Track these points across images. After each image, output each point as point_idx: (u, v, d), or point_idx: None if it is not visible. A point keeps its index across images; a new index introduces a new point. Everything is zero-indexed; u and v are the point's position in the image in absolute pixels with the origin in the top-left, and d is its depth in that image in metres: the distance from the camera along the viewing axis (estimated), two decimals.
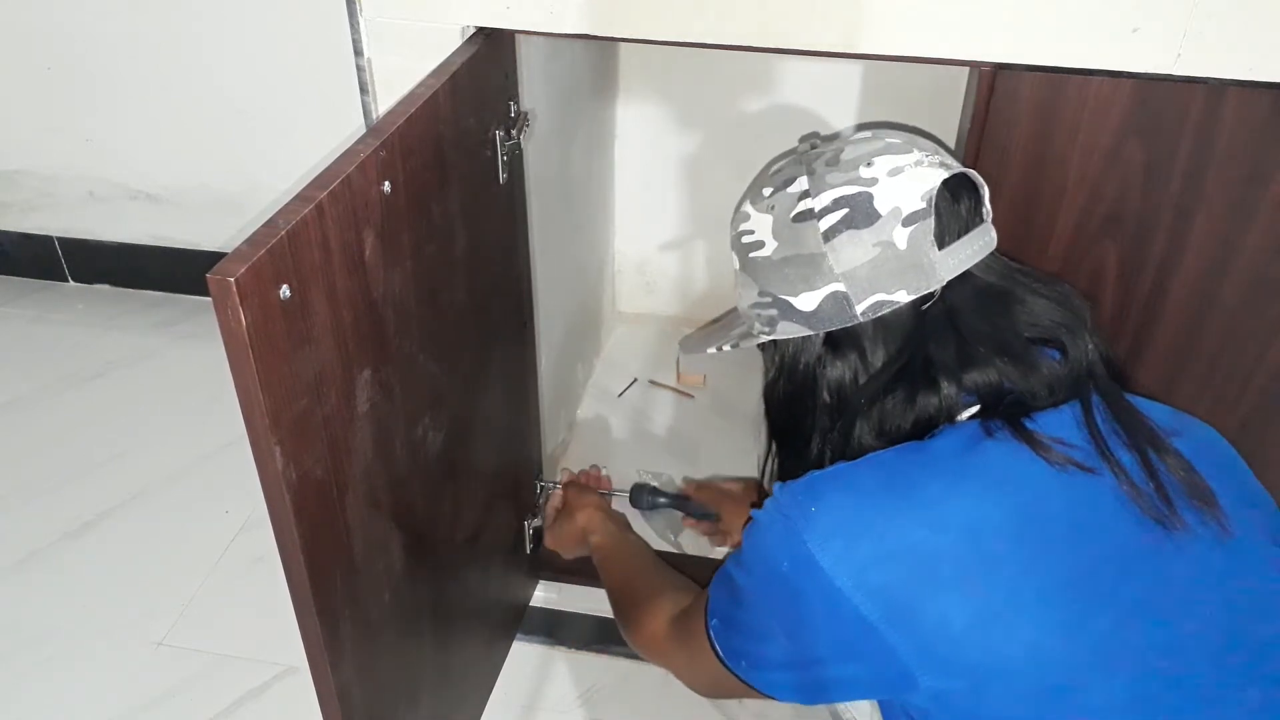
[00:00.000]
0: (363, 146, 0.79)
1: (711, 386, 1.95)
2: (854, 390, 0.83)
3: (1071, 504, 0.74)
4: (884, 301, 0.79)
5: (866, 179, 0.79)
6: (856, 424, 0.83)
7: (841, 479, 0.78)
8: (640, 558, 1.31)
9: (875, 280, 0.79)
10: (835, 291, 0.80)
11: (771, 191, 0.85)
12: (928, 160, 0.81)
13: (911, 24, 0.97)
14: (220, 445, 1.84)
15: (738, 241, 0.87)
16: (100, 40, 1.91)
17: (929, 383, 0.79)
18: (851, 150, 0.82)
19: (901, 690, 0.73)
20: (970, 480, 0.74)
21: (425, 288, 0.94)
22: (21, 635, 1.52)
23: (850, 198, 0.79)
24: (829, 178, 0.81)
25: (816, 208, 0.80)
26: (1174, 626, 0.72)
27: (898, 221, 0.78)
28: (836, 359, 0.83)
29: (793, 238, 0.81)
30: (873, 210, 0.78)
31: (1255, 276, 1.07)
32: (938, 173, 0.80)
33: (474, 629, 1.33)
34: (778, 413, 0.91)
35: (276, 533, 0.77)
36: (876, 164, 0.80)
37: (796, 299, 0.82)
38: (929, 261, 0.78)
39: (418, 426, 0.98)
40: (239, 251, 0.65)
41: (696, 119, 1.84)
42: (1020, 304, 0.81)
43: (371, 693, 0.96)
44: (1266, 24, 0.91)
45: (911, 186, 0.79)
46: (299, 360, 0.72)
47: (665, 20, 1.00)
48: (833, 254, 0.79)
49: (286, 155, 1.93)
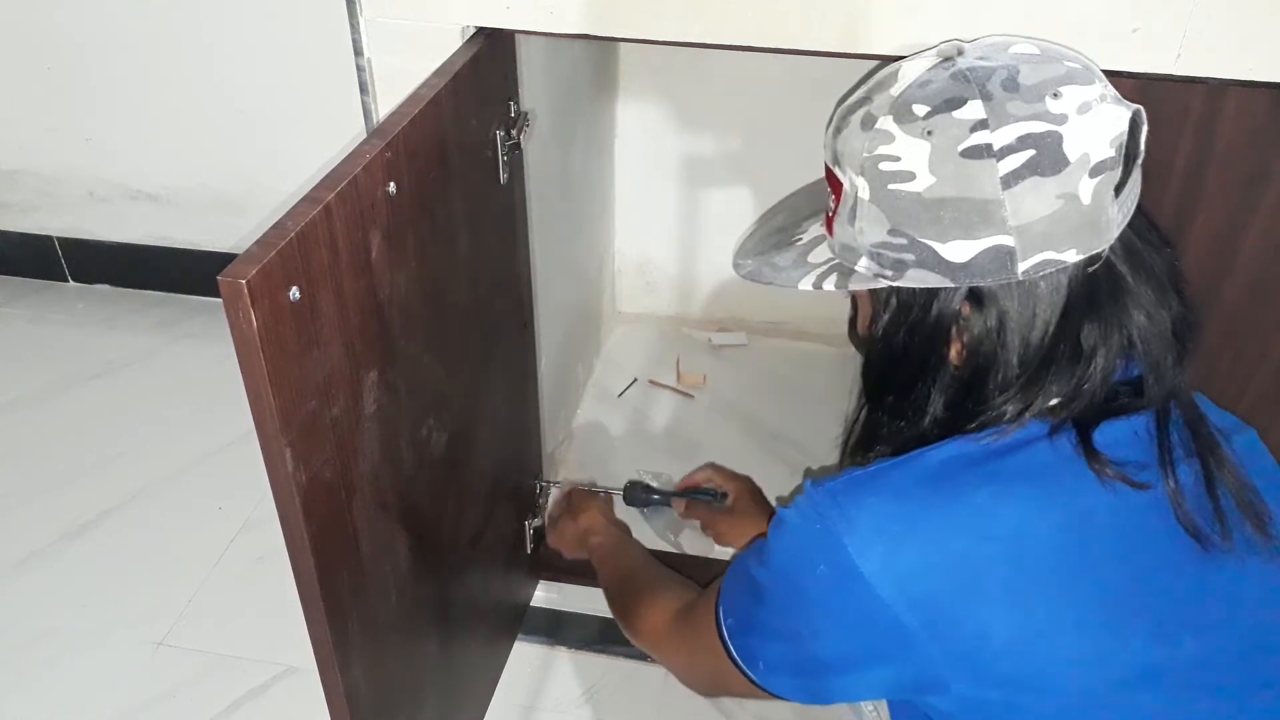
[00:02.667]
0: (368, 147, 0.79)
1: (711, 386, 1.95)
2: (993, 353, 0.72)
3: (1119, 518, 0.70)
4: (1051, 261, 0.68)
5: (1056, 115, 0.67)
6: (980, 388, 0.74)
7: (883, 481, 0.72)
8: (640, 557, 1.30)
9: (1050, 237, 0.68)
10: (1000, 246, 0.68)
11: (929, 112, 0.69)
12: (1110, 95, 0.70)
13: (911, 24, 0.97)
14: (220, 445, 1.84)
15: (872, 165, 0.71)
16: (100, 40, 1.91)
17: (1079, 357, 0.71)
18: (1030, 72, 0.69)
19: (929, 693, 0.72)
20: (1019, 488, 0.70)
21: (429, 288, 0.94)
22: (21, 635, 1.52)
23: (1038, 137, 0.67)
24: (1011, 107, 0.68)
25: (996, 144, 0.67)
26: (1212, 642, 0.70)
27: (1085, 171, 0.67)
28: (980, 315, 0.72)
29: (960, 176, 0.68)
30: (1061, 155, 0.67)
31: (1255, 276, 1.08)
32: (1122, 111, 0.69)
33: (477, 629, 1.33)
34: (888, 366, 0.79)
35: (286, 534, 0.77)
36: (1065, 95, 0.68)
37: (945, 246, 0.69)
38: (1107, 219, 0.69)
39: (422, 427, 0.98)
40: (249, 253, 0.65)
41: (696, 119, 1.84)
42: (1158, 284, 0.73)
43: (378, 693, 0.97)
44: (1266, 24, 0.92)
45: (1100, 129, 0.68)
46: (308, 362, 0.73)
47: (665, 20, 1.00)
48: (1011, 203, 0.67)
49: (286, 155, 1.94)
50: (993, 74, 0.69)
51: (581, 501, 1.45)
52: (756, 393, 1.93)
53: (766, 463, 1.74)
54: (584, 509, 1.43)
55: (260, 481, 0.73)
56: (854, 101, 0.76)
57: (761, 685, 0.82)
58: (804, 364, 2.00)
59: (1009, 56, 0.71)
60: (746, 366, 2.02)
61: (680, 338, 2.09)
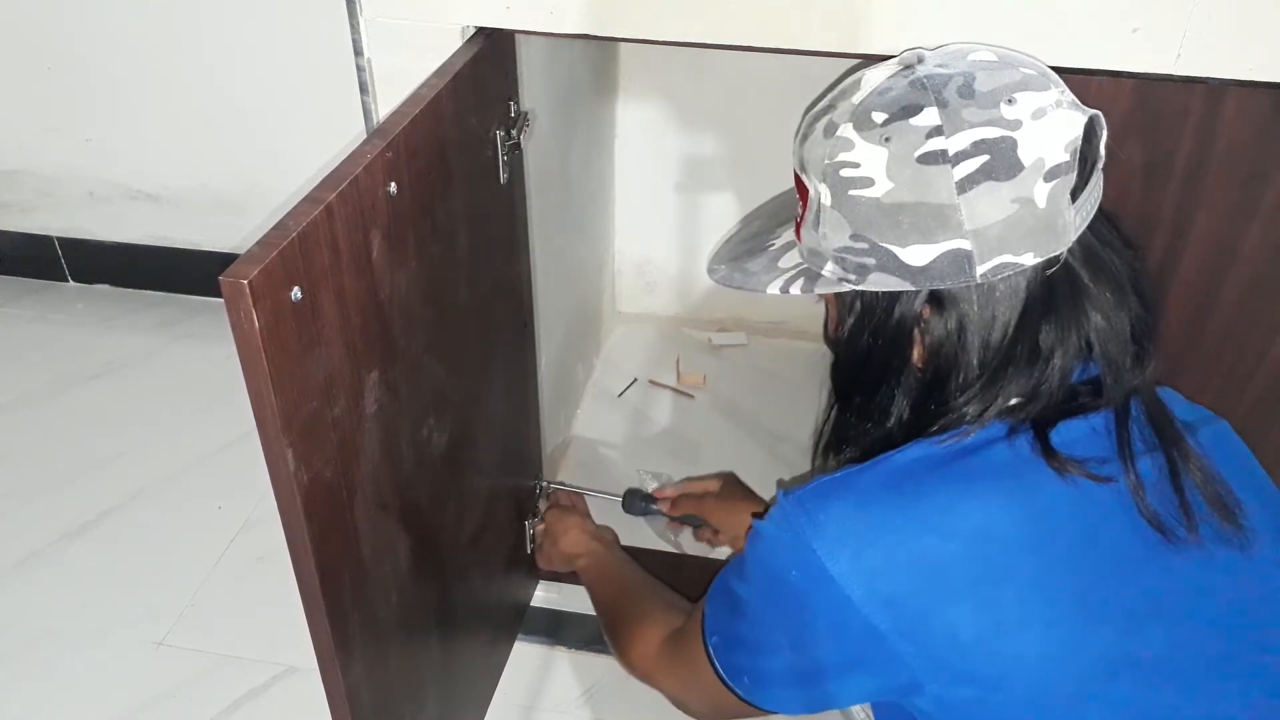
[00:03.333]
0: (369, 148, 0.79)
1: (711, 386, 1.95)
2: (954, 354, 0.74)
3: (1082, 512, 0.72)
4: (1008, 264, 0.70)
5: (1009, 120, 0.68)
6: (942, 389, 0.75)
7: (849, 485, 0.74)
8: (627, 578, 1.29)
9: (1005, 240, 0.69)
10: (958, 249, 0.69)
11: (886, 119, 0.71)
12: (1066, 100, 0.71)
13: (912, 24, 0.97)
14: (220, 445, 1.84)
15: (834, 172, 0.73)
16: (100, 40, 1.91)
17: (1036, 358, 0.73)
18: (986, 79, 0.70)
19: (906, 695, 0.73)
20: (980, 486, 0.72)
21: (429, 288, 0.94)
22: (21, 635, 1.52)
23: (992, 143, 0.68)
24: (965, 113, 0.69)
25: (951, 150, 0.68)
26: (1180, 632, 0.71)
27: (1039, 175, 0.68)
28: (940, 318, 0.73)
29: (916, 181, 0.69)
30: (1015, 160, 0.68)
31: (1255, 276, 1.08)
32: (1077, 116, 0.71)
33: (477, 629, 1.33)
34: (853, 368, 0.81)
35: (287, 534, 0.77)
36: (1020, 102, 0.69)
37: (904, 250, 0.71)
38: (1064, 222, 0.70)
39: (422, 427, 0.98)
40: (251, 253, 0.65)
41: (696, 119, 1.84)
42: (1117, 286, 0.75)
43: (380, 694, 0.97)
44: (1266, 24, 0.92)
45: (1055, 134, 0.69)
46: (310, 362, 0.73)
47: (665, 20, 1.00)
48: (966, 207, 0.68)
49: (286, 155, 1.94)
50: (949, 81, 0.70)
51: (557, 523, 1.44)
52: (756, 393, 1.93)
53: (766, 463, 1.74)
54: (561, 531, 1.42)
55: (260, 481, 0.73)
56: (819, 110, 0.77)
57: (751, 701, 0.82)
58: (804, 364, 2.00)
59: (966, 64, 0.72)
60: (746, 366, 2.02)
61: (680, 338, 2.09)
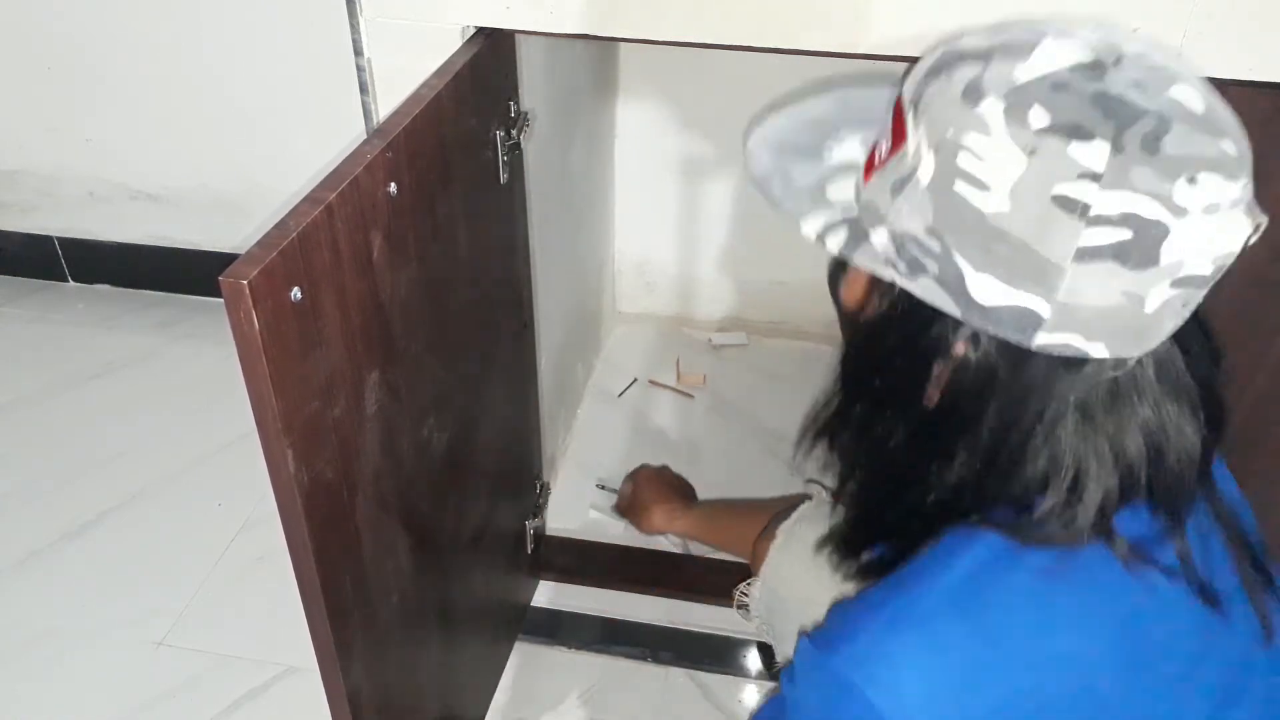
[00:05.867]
0: (369, 148, 0.79)
1: (711, 386, 1.96)
2: (970, 416, 0.65)
3: (1157, 612, 0.65)
4: (1072, 346, 0.59)
5: (1177, 205, 0.55)
6: (957, 451, 0.66)
7: (915, 632, 0.62)
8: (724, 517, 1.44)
9: (1088, 325, 0.58)
10: (1032, 311, 0.58)
11: (1045, 127, 0.56)
12: (1245, 200, 0.58)
13: (912, 24, 0.97)
14: (220, 445, 1.84)
15: (950, 151, 0.59)
16: (100, 40, 1.91)
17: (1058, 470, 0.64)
18: (1180, 138, 0.56)
19: None
20: (1063, 600, 0.63)
21: (430, 288, 0.94)
22: (21, 635, 1.52)
23: (1143, 223, 0.55)
24: (1135, 174, 0.55)
25: (1095, 208, 0.55)
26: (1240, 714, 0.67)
27: (1168, 279, 0.57)
28: (972, 368, 0.64)
29: (1038, 219, 0.56)
30: (1155, 253, 0.56)
31: (1255, 276, 1.07)
32: (1245, 225, 0.58)
33: (478, 629, 1.33)
34: (865, 363, 0.72)
35: (287, 534, 0.77)
36: (1201, 184, 0.55)
37: (976, 276, 0.59)
38: (1157, 330, 0.60)
39: (423, 427, 0.98)
40: (251, 254, 0.65)
41: (696, 119, 1.84)
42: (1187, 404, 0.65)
43: (379, 693, 0.97)
44: (1266, 24, 0.92)
45: (1213, 241, 0.57)
46: (310, 362, 0.72)
47: (665, 20, 1.00)
48: (1073, 277, 0.57)
49: (286, 155, 1.94)
50: (1140, 119, 0.56)
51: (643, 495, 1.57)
52: (756, 393, 1.94)
53: (766, 463, 1.74)
54: (644, 508, 1.55)
55: (260, 481, 0.73)
56: (968, 52, 0.61)
57: None
58: (804, 364, 2.00)
59: (1167, 100, 0.57)
60: (746, 366, 2.02)
61: (680, 338, 2.09)
